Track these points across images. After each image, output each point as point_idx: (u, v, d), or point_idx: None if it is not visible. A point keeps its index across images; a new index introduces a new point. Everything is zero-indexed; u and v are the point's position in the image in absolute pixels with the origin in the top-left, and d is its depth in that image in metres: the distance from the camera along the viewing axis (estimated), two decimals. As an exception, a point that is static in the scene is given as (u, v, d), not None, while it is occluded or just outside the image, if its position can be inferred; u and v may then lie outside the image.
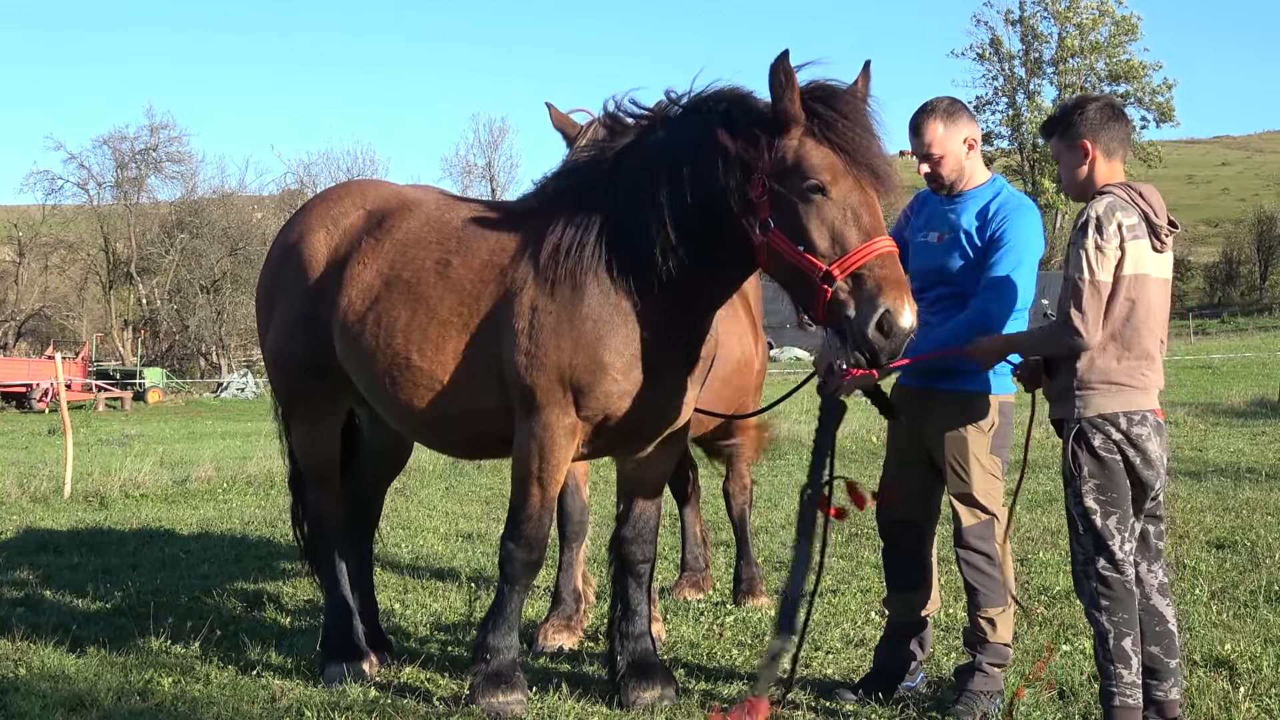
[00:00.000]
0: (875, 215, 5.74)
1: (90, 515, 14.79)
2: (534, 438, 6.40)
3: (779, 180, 5.77)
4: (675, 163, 6.12)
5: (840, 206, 5.70)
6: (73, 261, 78.41)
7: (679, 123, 6.25)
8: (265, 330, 7.69)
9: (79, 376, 52.55)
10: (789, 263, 5.77)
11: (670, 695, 6.64)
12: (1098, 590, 5.74)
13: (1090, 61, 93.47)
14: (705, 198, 6.02)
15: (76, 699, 6.78)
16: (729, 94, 6.12)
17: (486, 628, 6.64)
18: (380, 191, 7.51)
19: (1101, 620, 5.73)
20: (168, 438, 30.35)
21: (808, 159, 5.73)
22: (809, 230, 5.70)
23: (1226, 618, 8.14)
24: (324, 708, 6.55)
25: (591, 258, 6.28)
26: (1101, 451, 5.78)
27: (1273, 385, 31.03)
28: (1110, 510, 5.77)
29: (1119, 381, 5.83)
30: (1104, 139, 5.96)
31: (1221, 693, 6.43)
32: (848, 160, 5.72)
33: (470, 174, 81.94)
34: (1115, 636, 5.71)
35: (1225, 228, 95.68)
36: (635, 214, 6.22)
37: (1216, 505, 13.06)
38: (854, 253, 5.62)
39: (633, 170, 6.31)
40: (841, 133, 5.73)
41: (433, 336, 6.67)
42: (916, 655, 6.89)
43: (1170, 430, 22.68)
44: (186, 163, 77.84)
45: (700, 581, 9.53)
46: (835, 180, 5.70)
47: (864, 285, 5.59)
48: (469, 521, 13.63)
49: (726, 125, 5.98)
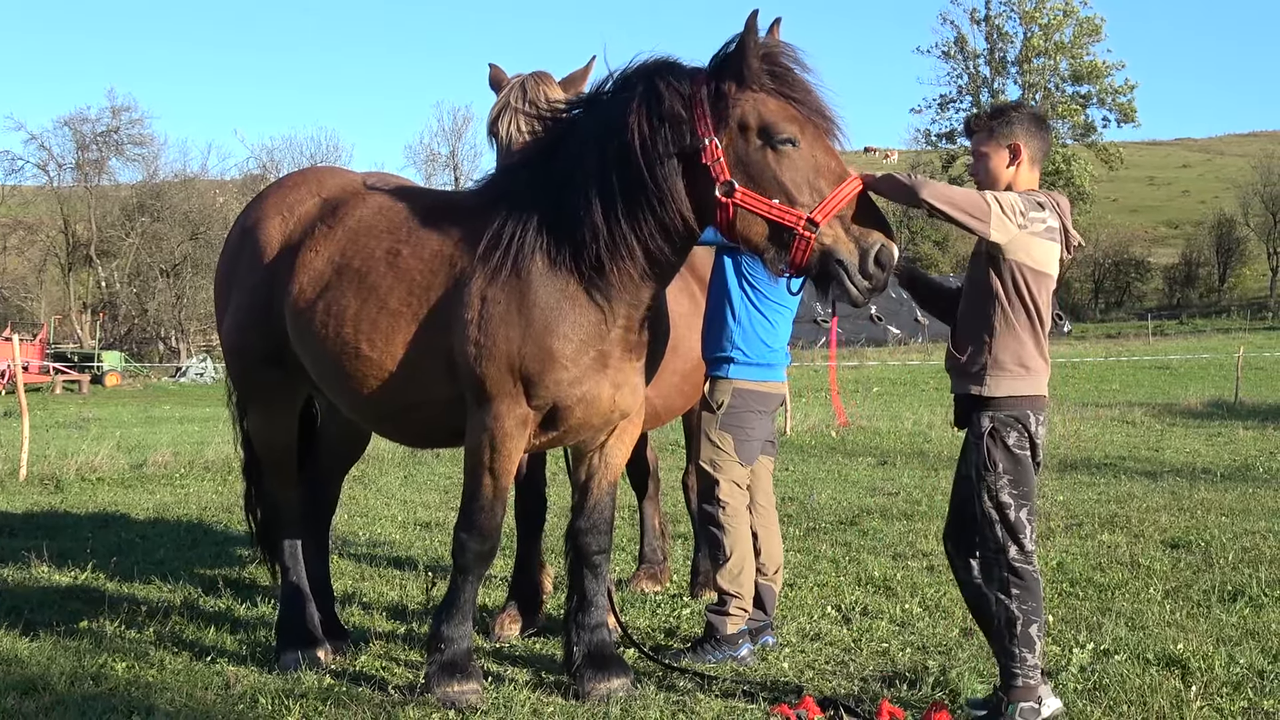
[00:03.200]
0: (838, 158, 5.89)
1: (46, 498, 14.71)
2: (485, 428, 6.39)
3: (738, 138, 5.88)
4: (604, 143, 6.18)
5: (808, 156, 5.82)
6: (31, 243, 77.82)
7: (608, 103, 6.31)
8: (223, 316, 7.66)
9: (36, 359, 52.06)
10: (763, 218, 5.84)
11: (626, 686, 6.64)
12: (1009, 579, 5.98)
13: (1054, 61, 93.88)
14: (637, 172, 6.07)
15: (29, 682, 6.74)
16: (654, 65, 6.20)
17: (440, 617, 6.63)
18: (336, 179, 7.50)
19: (1011, 608, 5.96)
20: (125, 422, 30.20)
21: (772, 115, 5.84)
22: (785, 183, 5.81)
23: (1180, 617, 8.19)
24: (279, 694, 6.52)
25: (534, 246, 6.30)
26: (1015, 449, 6.01)
27: (1229, 387, 31.32)
28: (1022, 503, 6.03)
29: (1029, 365, 6.02)
30: (1032, 145, 6.17)
31: (1174, 691, 6.46)
32: (805, 110, 5.87)
33: (434, 162, 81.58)
34: (1024, 623, 5.95)
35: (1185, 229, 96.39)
36: (573, 199, 6.26)
37: (1172, 505, 13.14)
38: (831, 197, 5.74)
39: (567, 156, 6.36)
40: (794, 85, 5.88)
41: (382, 326, 6.65)
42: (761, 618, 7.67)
43: (1127, 430, 23.03)
44: (148, 145, 77.29)
45: (658, 574, 9.55)
46: (801, 131, 5.83)
47: (848, 225, 5.76)
48: (427, 510, 13.62)
49: (654, 97, 6.05)
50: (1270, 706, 6.30)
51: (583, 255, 6.24)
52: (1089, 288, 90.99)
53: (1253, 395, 30.42)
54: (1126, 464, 17.37)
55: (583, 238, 6.23)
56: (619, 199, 6.14)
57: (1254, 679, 6.76)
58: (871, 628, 8.03)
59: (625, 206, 6.14)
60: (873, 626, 8.06)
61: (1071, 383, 39.90)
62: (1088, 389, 37.03)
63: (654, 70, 6.14)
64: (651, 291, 6.41)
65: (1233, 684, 6.67)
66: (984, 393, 6.02)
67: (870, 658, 7.42)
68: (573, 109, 6.59)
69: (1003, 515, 6.00)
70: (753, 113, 5.86)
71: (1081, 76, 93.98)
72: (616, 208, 6.16)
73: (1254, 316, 78.01)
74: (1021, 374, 6.01)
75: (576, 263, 6.26)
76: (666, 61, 6.17)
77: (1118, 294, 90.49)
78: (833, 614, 8.33)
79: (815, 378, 37.60)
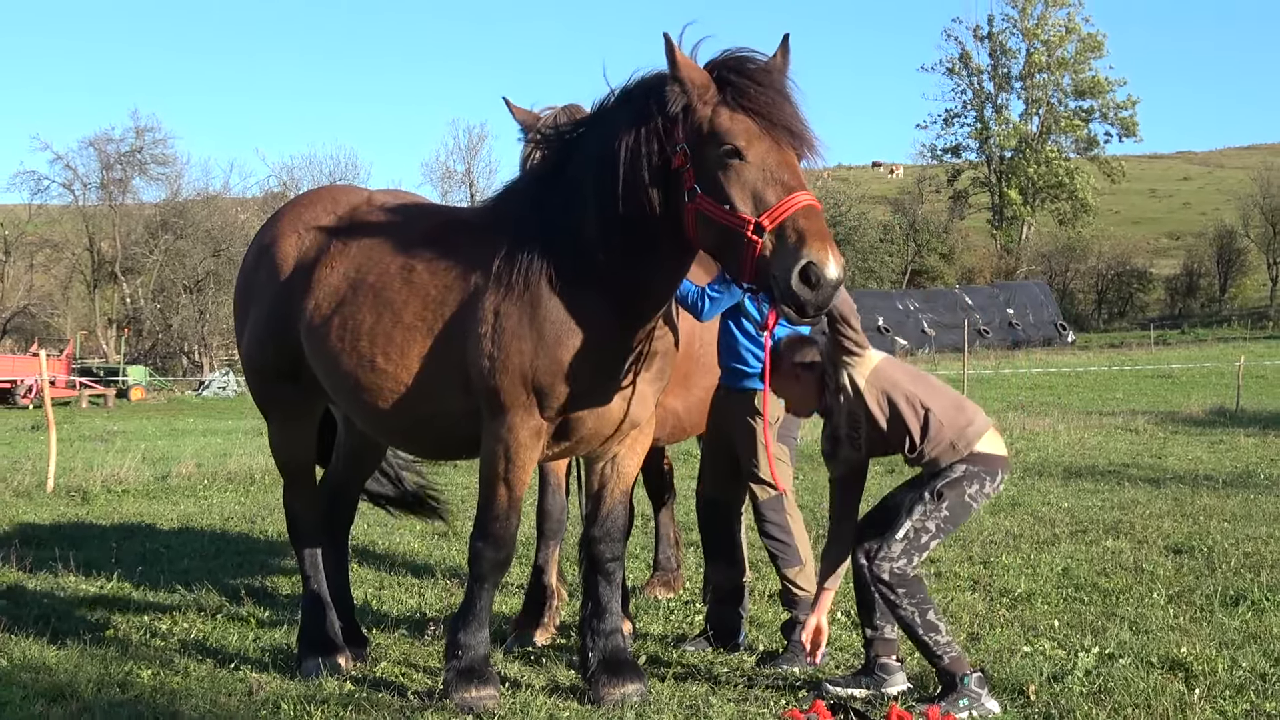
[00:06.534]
0: (794, 172, 5.83)
1: (72, 510, 14.73)
2: (500, 440, 6.41)
3: (698, 148, 5.89)
4: (602, 159, 6.21)
5: (759, 167, 5.79)
6: (58, 260, 77.98)
7: (605, 121, 6.34)
8: (241, 333, 7.70)
9: (63, 374, 52.21)
10: (718, 224, 5.82)
11: (640, 691, 6.64)
12: (895, 583, 6.44)
13: (1056, 77, 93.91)
14: (632, 186, 6.11)
15: (57, 689, 6.76)
16: (640, 83, 6.23)
17: (457, 625, 6.64)
18: (350, 197, 7.53)
19: (904, 605, 6.44)
20: (150, 434, 30.23)
21: (720, 125, 5.84)
22: (730, 191, 5.78)
23: (1183, 621, 8.17)
24: (300, 701, 6.53)
25: (544, 262, 6.33)
26: (971, 500, 6.57)
27: (1230, 395, 31.21)
28: (940, 537, 6.58)
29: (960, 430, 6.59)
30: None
31: (1177, 694, 6.45)
32: (763, 123, 5.84)
33: (450, 179, 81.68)
34: (921, 613, 6.43)
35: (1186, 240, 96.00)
36: (576, 215, 6.32)
37: (1175, 511, 13.12)
38: (777, 206, 5.68)
39: (570, 174, 6.42)
40: (754, 98, 5.85)
41: (397, 340, 6.68)
42: (742, 615, 7.88)
43: (1130, 438, 22.95)
44: (171, 165, 77.44)
45: (671, 581, 9.56)
46: (750, 143, 5.81)
47: (786, 237, 5.65)
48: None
49: (640, 111, 6.10)
50: (1272, 709, 6.29)
51: (588, 269, 6.28)
52: (1092, 298, 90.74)
53: (1254, 403, 30.35)
54: (1130, 471, 17.32)
55: (587, 252, 6.27)
56: (615, 212, 6.18)
57: (1256, 681, 6.75)
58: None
59: (621, 219, 6.17)
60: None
61: (1076, 391, 39.87)
62: (1091, 397, 36.99)
63: (646, 86, 6.18)
64: (659, 301, 6.43)
65: (1235, 687, 6.65)
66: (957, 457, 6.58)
67: (879, 662, 7.40)
68: (576, 128, 6.62)
69: (918, 537, 6.50)
70: (706, 124, 5.87)
71: (1084, 92, 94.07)
72: (614, 221, 6.19)
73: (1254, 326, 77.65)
74: (971, 433, 6.57)
75: (583, 277, 6.29)
76: (648, 79, 6.19)
77: (1120, 304, 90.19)
78: (842, 619, 8.32)
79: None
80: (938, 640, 6.41)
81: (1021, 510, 13.50)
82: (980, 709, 6.28)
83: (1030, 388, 41.97)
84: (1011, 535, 11.73)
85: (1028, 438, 23.18)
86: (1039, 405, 32.93)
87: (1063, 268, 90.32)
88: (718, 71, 5.94)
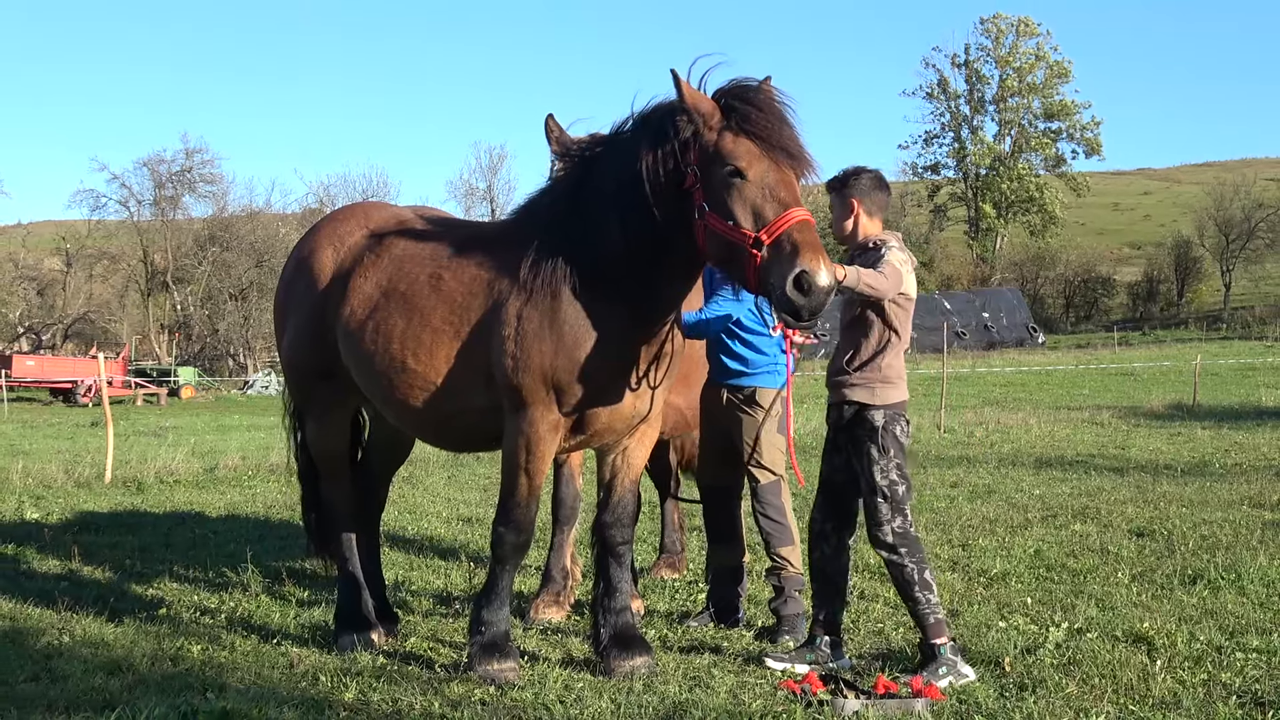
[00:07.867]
0: (791, 190, 5.85)
1: (128, 499, 14.73)
2: (521, 433, 6.41)
3: (706, 169, 5.91)
4: (620, 178, 6.22)
5: (759, 185, 5.81)
6: (114, 271, 78.25)
7: (626, 141, 6.35)
8: (281, 337, 7.70)
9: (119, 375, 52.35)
10: (724, 238, 5.85)
11: (649, 664, 6.63)
12: (898, 544, 6.46)
13: (1027, 101, 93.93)
14: (648, 203, 6.11)
15: (114, 664, 6.76)
16: (655, 109, 6.23)
17: (481, 603, 6.64)
18: (381, 213, 7.54)
19: (905, 564, 6.46)
20: (199, 430, 30.30)
21: (725, 148, 5.87)
22: (733, 208, 5.81)
23: (1145, 598, 8.15)
24: (337, 673, 6.53)
25: (564, 271, 6.33)
26: (902, 437, 6.55)
27: (1188, 391, 31.18)
28: (907, 482, 6.57)
29: (903, 376, 6.58)
30: (868, 202, 6.69)
31: (1140, 665, 6.44)
32: (763, 145, 5.86)
33: (472, 196, 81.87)
34: (918, 570, 6.46)
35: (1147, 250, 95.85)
36: (597, 228, 6.30)
37: (1137, 498, 13.10)
38: (774, 221, 5.71)
39: (589, 192, 6.42)
40: (755, 123, 5.88)
41: (426, 342, 6.69)
42: (741, 594, 7.85)
43: (1096, 431, 22.94)
44: (218, 183, 77.82)
45: (676, 563, 9.55)
46: (751, 164, 5.83)
47: (781, 249, 5.68)
48: (469, 507, 13.61)
49: (656, 135, 6.11)
50: (1228, 679, 6.27)
51: (605, 278, 6.28)
52: (1060, 303, 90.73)
53: (1209, 399, 30.37)
54: (1096, 461, 17.31)
55: (604, 262, 6.26)
56: (632, 228, 6.18)
57: (1213, 654, 6.73)
58: (868, 610, 8.01)
59: (637, 234, 6.18)
60: (869, 609, 8.04)
61: (1046, 389, 39.83)
62: (1060, 394, 36.97)
63: (661, 113, 6.17)
64: (669, 308, 6.42)
65: (1194, 658, 6.63)
66: (875, 400, 6.51)
67: (867, 637, 7.41)
68: (596, 147, 6.61)
69: (893, 491, 6.47)
70: (713, 147, 5.90)
71: (1053, 114, 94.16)
72: (630, 235, 6.19)
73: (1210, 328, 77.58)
74: (900, 384, 6.56)
75: (600, 285, 6.29)
76: (664, 105, 6.18)
77: (1086, 308, 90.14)
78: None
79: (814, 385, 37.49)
80: (929, 599, 6.43)
81: (997, 497, 13.49)
82: (957, 675, 6.27)
83: (1004, 385, 42.01)
84: (988, 520, 11.72)
85: (1002, 431, 23.18)
86: (1012, 401, 32.94)
87: (1033, 275, 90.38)
88: (724, 99, 5.96)
